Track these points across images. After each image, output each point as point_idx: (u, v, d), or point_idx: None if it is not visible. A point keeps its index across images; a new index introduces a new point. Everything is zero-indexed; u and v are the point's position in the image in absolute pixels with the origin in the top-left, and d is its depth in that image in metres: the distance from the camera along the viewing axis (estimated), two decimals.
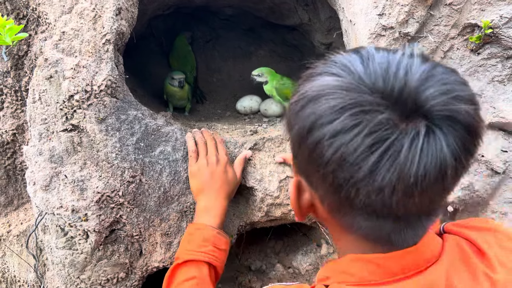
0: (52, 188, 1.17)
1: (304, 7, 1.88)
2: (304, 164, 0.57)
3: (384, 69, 0.51)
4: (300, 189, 0.64)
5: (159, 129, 1.24)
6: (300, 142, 0.55)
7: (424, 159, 0.47)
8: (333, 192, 0.53)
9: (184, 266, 1.07)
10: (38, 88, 1.14)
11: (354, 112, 0.48)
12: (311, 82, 0.56)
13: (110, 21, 1.14)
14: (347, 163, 0.49)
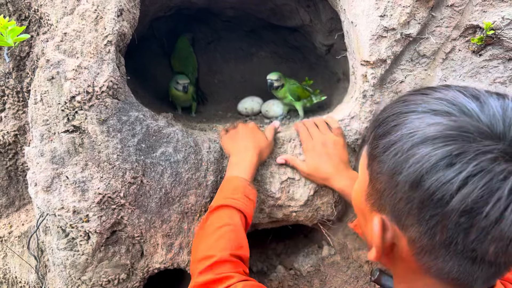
0: (54, 189, 1.17)
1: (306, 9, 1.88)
2: (401, 205, 0.55)
3: (502, 113, 0.51)
4: (384, 227, 0.61)
5: (161, 130, 1.24)
6: (412, 183, 0.53)
7: None
8: (433, 236, 0.53)
9: (216, 211, 1.12)
10: (39, 89, 1.14)
11: (484, 159, 0.48)
12: (418, 119, 0.54)
13: (111, 22, 1.14)
14: (473, 210, 0.48)
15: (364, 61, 1.25)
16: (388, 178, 0.57)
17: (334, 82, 2.08)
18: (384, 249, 0.63)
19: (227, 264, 0.98)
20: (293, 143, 1.40)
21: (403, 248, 0.60)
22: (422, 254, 0.57)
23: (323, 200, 1.40)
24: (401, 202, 0.55)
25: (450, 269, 0.55)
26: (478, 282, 0.56)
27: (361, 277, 1.64)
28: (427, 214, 0.52)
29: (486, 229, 0.49)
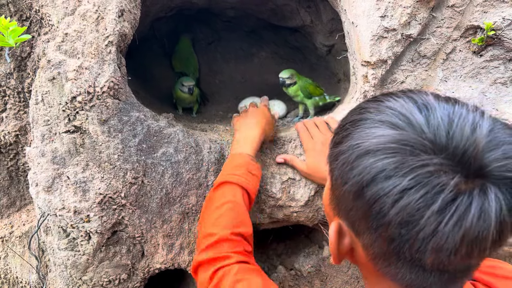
0: (55, 189, 1.17)
1: (306, 9, 1.88)
2: (353, 213, 0.56)
3: (446, 124, 0.51)
4: (340, 233, 0.63)
5: (161, 130, 1.24)
6: (355, 194, 0.54)
7: (487, 221, 0.47)
8: (382, 244, 0.54)
9: (219, 188, 1.15)
10: (40, 90, 1.14)
11: (420, 173, 0.48)
12: (366, 130, 0.55)
13: (112, 22, 1.15)
14: (409, 222, 0.49)
15: (364, 62, 1.25)
16: (339, 186, 0.58)
17: (334, 83, 2.08)
18: (340, 254, 0.64)
19: (227, 243, 1.00)
20: (293, 143, 1.40)
21: (360, 253, 0.61)
22: (377, 260, 0.58)
23: None
24: (352, 210, 0.57)
25: (403, 275, 0.56)
26: (435, 287, 0.57)
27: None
28: (373, 223, 0.53)
29: (425, 241, 0.49)
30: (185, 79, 1.83)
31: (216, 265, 0.94)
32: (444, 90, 1.28)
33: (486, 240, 0.48)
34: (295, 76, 1.67)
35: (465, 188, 0.47)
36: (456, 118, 0.51)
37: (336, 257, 0.65)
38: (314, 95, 1.71)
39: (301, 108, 1.80)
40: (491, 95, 1.26)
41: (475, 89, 1.26)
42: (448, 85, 1.28)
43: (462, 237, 0.48)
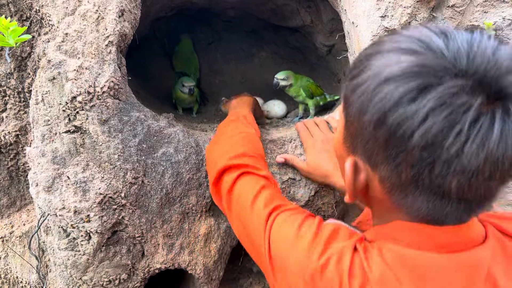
0: (55, 189, 1.17)
1: (307, 9, 1.88)
2: (371, 145, 0.57)
3: (466, 48, 0.51)
4: (356, 169, 0.63)
5: (162, 130, 1.24)
6: (376, 122, 0.54)
7: (509, 142, 0.48)
8: (401, 172, 0.54)
9: (227, 125, 1.26)
10: (41, 90, 1.14)
11: (443, 94, 0.48)
12: (383, 59, 0.55)
13: (113, 22, 1.15)
14: (433, 144, 0.49)
15: None
16: (357, 119, 0.58)
17: (335, 83, 2.08)
18: (357, 190, 0.64)
19: (251, 158, 1.03)
20: (294, 143, 1.40)
21: (376, 187, 0.61)
22: (393, 192, 0.58)
23: (324, 200, 1.40)
24: (369, 142, 0.57)
25: (420, 206, 0.57)
26: (449, 219, 0.57)
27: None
28: (393, 151, 0.53)
29: (447, 163, 0.50)
30: (185, 80, 1.82)
31: (244, 169, 0.98)
32: None
33: (508, 161, 0.49)
34: (291, 77, 1.65)
35: (487, 108, 0.48)
36: (476, 42, 0.51)
37: (351, 193, 0.65)
38: (315, 95, 1.71)
39: (301, 108, 1.80)
40: None
41: None
42: None
43: (485, 158, 0.48)
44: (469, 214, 0.59)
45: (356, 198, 0.66)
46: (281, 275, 0.72)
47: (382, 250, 0.60)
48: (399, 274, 0.57)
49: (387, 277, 0.57)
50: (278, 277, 0.72)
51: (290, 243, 0.71)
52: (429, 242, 0.59)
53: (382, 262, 0.59)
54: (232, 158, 1.03)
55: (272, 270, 0.74)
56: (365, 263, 0.60)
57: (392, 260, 0.58)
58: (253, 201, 0.88)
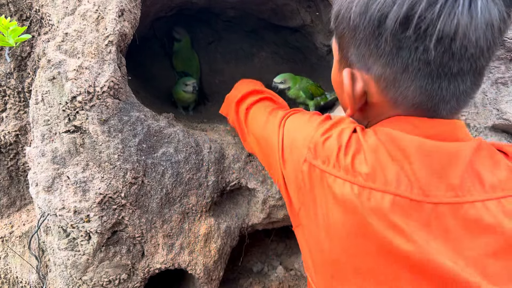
0: (55, 189, 1.17)
1: (307, 9, 1.88)
2: (362, 45, 0.64)
3: None
4: (353, 79, 0.69)
5: (162, 130, 1.24)
6: (360, 14, 0.61)
7: (479, 16, 0.54)
8: (392, 63, 0.61)
9: None
10: (41, 89, 1.14)
11: None
12: None
13: (113, 22, 1.14)
14: (409, 19, 0.56)
15: None
16: (346, 25, 0.66)
17: None
18: (356, 99, 0.70)
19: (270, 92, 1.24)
20: None
21: (373, 90, 0.68)
22: (389, 88, 0.65)
23: None
24: (361, 44, 0.65)
25: (414, 93, 0.63)
26: (442, 106, 0.64)
27: None
28: (381, 41, 0.61)
29: (427, 34, 0.56)
30: (187, 79, 1.83)
31: (267, 95, 1.17)
32: None
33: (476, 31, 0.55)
34: (289, 80, 1.67)
35: None
36: None
37: (352, 104, 0.71)
38: (316, 96, 1.71)
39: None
40: (491, 95, 1.26)
41: None
42: None
43: (457, 23, 0.54)
44: (456, 110, 0.65)
45: (356, 110, 0.72)
46: (289, 154, 0.79)
47: (377, 132, 0.67)
48: (389, 147, 0.64)
49: (378, 148, 0.64)
50: (287, 159, 0.80)
51: (301, 126, 0.82)
52: (417, 130, 0.64)
53: (375, 138, 0.66)
54: (258, 86, 1.25)
55: (282, 158, 0.81)
56: (361, 137, 0.68)
57: (384, 137, 0.65)
58: (270, 112, 1.02)
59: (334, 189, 0.65)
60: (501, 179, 0.61)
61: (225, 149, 1.37)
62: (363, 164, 0.64)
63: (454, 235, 0.59)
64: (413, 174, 0.61)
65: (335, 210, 0.65)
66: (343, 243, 0.64)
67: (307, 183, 0.71)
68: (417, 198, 0.60)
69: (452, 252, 0.58)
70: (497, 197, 0.60)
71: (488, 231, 0.58)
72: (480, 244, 0.58)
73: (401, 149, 0.63)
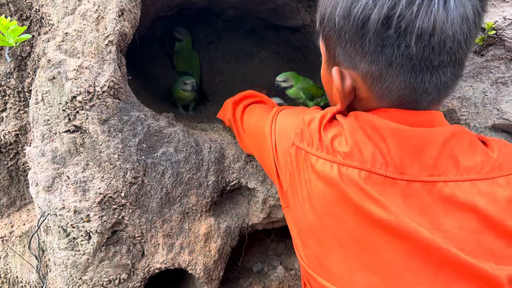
0: (55, 189, 1.17)
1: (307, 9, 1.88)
2: (348, 46, 0.68)
3: None
4: (342, 76, 0.73)
5: (162, 130, 1.24)
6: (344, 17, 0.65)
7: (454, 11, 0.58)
8: (377, 60, 0.65)
9: None
10: (41, 89, 1.14)
11: None
12: None
13: (113, 22, 1.14)
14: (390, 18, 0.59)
15: None
16: (332, 27, 0.69)
17: None
18: (345, 95, 0.74)
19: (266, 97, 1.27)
20: None
21: (360, 86, 0.72)
22: (375, 83, 0.68)
23: None
24: (347, 44, 0.68)
25: (398, 86, 0.66)
26: (424, 98, 0.67)
27: None
28: (365, 41, 0.64)
29: (407, 32, 0.59)
30: (186, 78, 1.84)
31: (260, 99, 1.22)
32: None
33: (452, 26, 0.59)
34: (291, 79, 1.68)
35: None
36: None
37: (342, 99, 0.75)
38: (316, 97, 1.72)
39: None
40: (491, 95, 1.26)
41: (476, 89, 1.26)
42: None
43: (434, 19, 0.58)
44: (439, 92, 0.68)
45: (347, 104, 0.76)
46: (279, 141, 0.85)
47: (357, 116, 0.72)
48: (366, 129, 0.69)
49: (356, 130, 0.70)
50: (278, 146, 0.85)
51: (291, 115, 0.88)
52: (395, 119, 0.68)
53: (354, 120, 0.71)
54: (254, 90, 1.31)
55: (275, 146, 0.86)
56: (342, 120, 0.73)
57: (363, 122, 0.70)
58: (264, 109, 1.06)
59: (317, 168, 0.71)
60: (476, 162, 0.65)
61: (225, 149, 1.37)
62: (344, 145, 0.69)
63: (430, 211, 0.63)
64: (388, 153, 0.66)
65: (318, 185, 0.70)
66: (326, 211, 0.69)
67: (294, 164, 0.77)
68: (391, 175, 0.65)
69: (429, 224, 0.62)
70: (470, 178, 0.64)
71: (463, 209, 0.62)
72: (455, 220, 0.62)
73: (377, 131, 0.68)
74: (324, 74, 0.83)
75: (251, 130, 1.10)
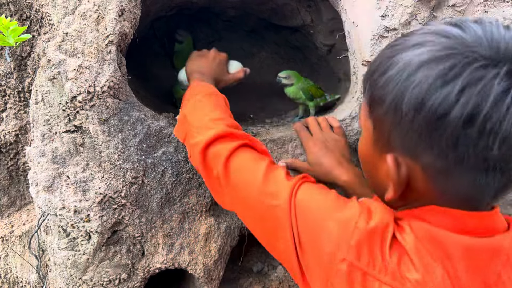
0: (55, 189, 1.17)
1: (307, 9, 1.88)
2: (411, 135, 0.59)
3: (481, 29, 0.56)
4: (397, 164, 0.64)
5: (162, 130, 1.24)
6: (415, 109, 0.57)
7: None
8: (446, 156, 0.57)
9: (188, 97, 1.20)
10: (41, 89, 1.14)
11: (473, 70, 0.53)
12: (410, 50, 0.59)
13: (113, 22, 1.14)
14: (474, 119, 0.53)
15: (365, 61, 1.25)
16: (392, 113, 0.60)
17: (335, 82, 2.08)
18: (400, 184, 0.65)
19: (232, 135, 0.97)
20: (294, 143, 1.40)
21: (418, 177, 0.63)
22: (438, 177, 0.61)
23: None
24: (409, 132, 0.59)
25: (463, 185, 0.59)
26: (488, 196, 0.61)
27: None
28: (436, 134, 0.56)
29: (491, 133, 0.53)
30: None
31: (243, 141, 0.93)
32: None
33: None
34: (293, 77, 1.67)
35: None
36: (486, 23, 0.57)
37: (397, 188, 0.66)
38: (316, 97, 1.71)
39: (301, 108, 1.80)
40: None
41: None
42: None
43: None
44: (505, 190, 0.61)
45: (400, 192, 0.66)
46: (310, 242, 0.70)
47: (413, 228, 0.63)
48: (431, 248, 0.60)
49: (420, 250, 0.60)
50: (307, 248, 0.70)
51: (327, 209, 0.71)
52: (457, 225, 0.61)
53: (414, 237, 0.62)
54: (227, 125, 0.98)
55: (299, 245, 0.71)
56: (399, 236, 0.63)
57: (422, 235, 0.61)
58: (265, 173, 0.83)
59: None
60: None
61: None
62: (412, 270, 0.59)
63: None
64: (456, 277, 0.58)
65: None
66: None
67: (344, 284, 0.63)
68: None
69: None
70: None
71: None
72: None
73: (444, 251, 0.59)
74: (367, 153, 0.73)
75: (249, 202, 0.85)
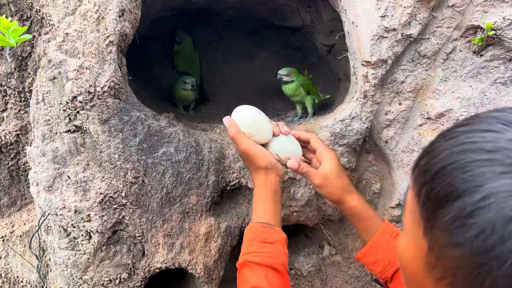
0: (55, 189, 1.17)
1: (307, 9, 1.88)
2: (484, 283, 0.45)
3: None
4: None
5: (162, 130, 1.24)
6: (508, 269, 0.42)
7: None
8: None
9: (240, 272, 1.00)
10: (41, 89, 1.14)
11: None
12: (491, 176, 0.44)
13: (113, 22, 1.15)
14: None
15: (365, 62, 1.25)
16: (470, 258, 0.47)
17: (335, 82, 2.08)
18: None
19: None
20: None
21: None
22: None
23: (324, 200, 1.41)
24: (486, 280, 0.45)
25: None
26: None
27: (362, 277, 1.64)
28: None
29: None
30: (186, 77, 1.86)
31: None
32: (444, 90, 1.28)
33: None
34: (293, 74, 1.70)
35: None
36: None
37: None
38: (312, 93, 1.74)
39: (299, 107, 1.82)
40: (491, 95, 1.26)
41: (475, 89, 1.26)
42: (448, 85, 1.28)
43: None
44: None
45: None
46: None
47: None
48: None
49: None
50: None
51: None
52: None
53: None
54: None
55: None
56: None
57: None
58: None
59: None
60: None
61: (225, 149, 1.37)
62: None
63: None
64: None
65: None
66: None
67: None
68: None
69: None
70: None
71: None
72: None
73: None
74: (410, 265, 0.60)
75: None
